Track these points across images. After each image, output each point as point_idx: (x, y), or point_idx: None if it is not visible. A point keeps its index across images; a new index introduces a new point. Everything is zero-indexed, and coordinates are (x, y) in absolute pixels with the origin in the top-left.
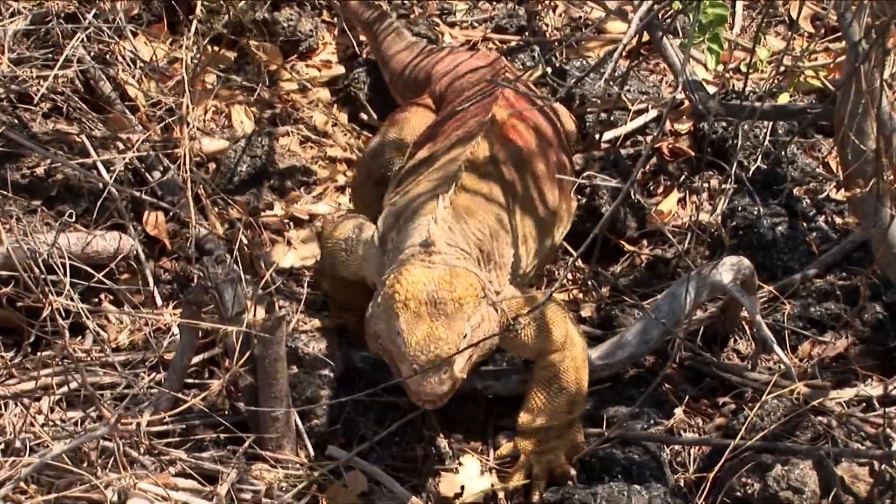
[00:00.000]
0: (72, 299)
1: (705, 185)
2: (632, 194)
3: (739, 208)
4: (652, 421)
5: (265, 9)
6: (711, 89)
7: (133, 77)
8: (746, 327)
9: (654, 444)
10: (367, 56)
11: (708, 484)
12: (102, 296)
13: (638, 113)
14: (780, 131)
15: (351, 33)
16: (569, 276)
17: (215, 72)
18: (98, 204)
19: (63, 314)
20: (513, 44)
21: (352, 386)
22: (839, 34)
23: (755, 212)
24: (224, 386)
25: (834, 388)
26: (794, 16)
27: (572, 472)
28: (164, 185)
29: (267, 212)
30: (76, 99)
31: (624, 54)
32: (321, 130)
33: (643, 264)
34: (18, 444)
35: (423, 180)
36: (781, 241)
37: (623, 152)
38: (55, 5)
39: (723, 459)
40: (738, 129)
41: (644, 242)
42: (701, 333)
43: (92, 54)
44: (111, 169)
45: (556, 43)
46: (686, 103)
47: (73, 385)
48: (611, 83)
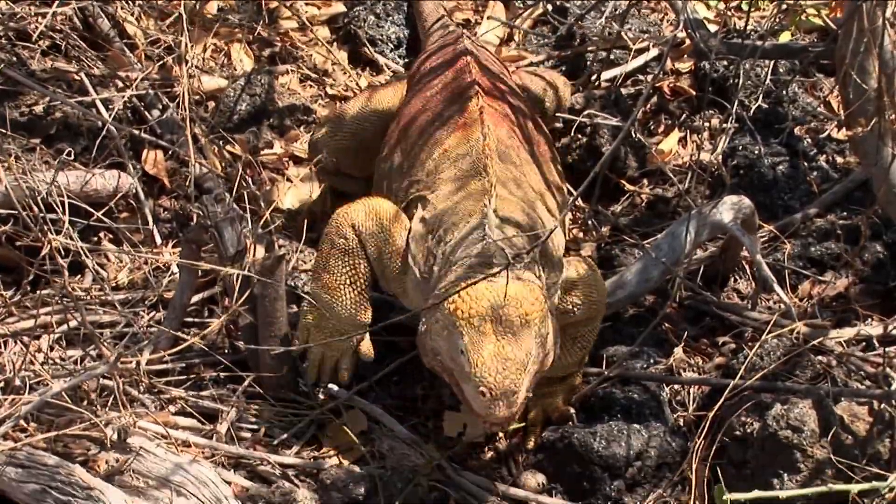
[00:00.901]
0: (71, 238)
1: (706, 125)
2: (632, 133)
3: (740, 147)
4: (651, 360)
5: None
6: (713, 28)
7: (132, 14)
8: (746, 267)
9: (654, 384)
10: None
11: (707, 423)
12: (102, 234)
13: (639, 52)
14: (782, 70)
15: None
16: (569, 215)
17: (214, 12)
18: (97, 142)
19: (62, 253)
20: None
21: None
22: None
23: (756, 151)
24: (223, 325)
25: (834, 328)
26: None
27: (571, 412)
28: (164, 124)
29: (266, 150)
30: (75, 37)
31: None
32: (321, 69)
33: (643, 203)
34: (18, 383)
35: (442, 186)
36: (782, 181)
37: (624, 91)
38: None
39: (722, 399)
40: (739, 68)
41: (644, 182)
42: (701, 273)
43: None
44: (110, 107)
45: None
46: (687, 42)
47: (73, 324)
48: (611, 21)
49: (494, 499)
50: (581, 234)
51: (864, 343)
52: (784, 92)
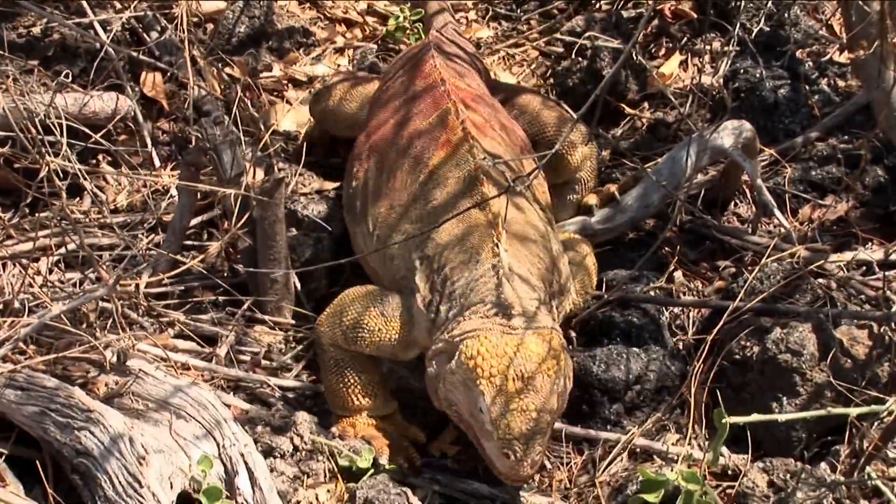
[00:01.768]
0: (69, 160)
1: (707, 48)
2: (633, 56)
3: (741, 71)
4: (651, 284)
5: None
6: None
7: None
8: (747, 191)
9: (653, 307)
10: None
11: (706, 346)
12: (100, 157)
13: None
14: None
15: None
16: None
17: None
18: (95, 64)
19: (60, 175)
20: None
21: (351, 247)
22: None
23: (757, 74)
24: (223, 248)
25: (834, 252)
26: None
27: None
28: (162, 46)
29: (265, 73)
30: None
31: None
32: None
33: (644, 127)
34: (17, 305)
35: (434, 214)
36: (783, 104)
37: (624, 14)
38: None
39: (721, 322)
40: None
41: (645, 105)
42: (701, 197)
43: None
44: (108, 28)
45: None
46: None
47: (72, 246)
48: None
49: None
50: None
51: (865, 267)
52: (786, 15)
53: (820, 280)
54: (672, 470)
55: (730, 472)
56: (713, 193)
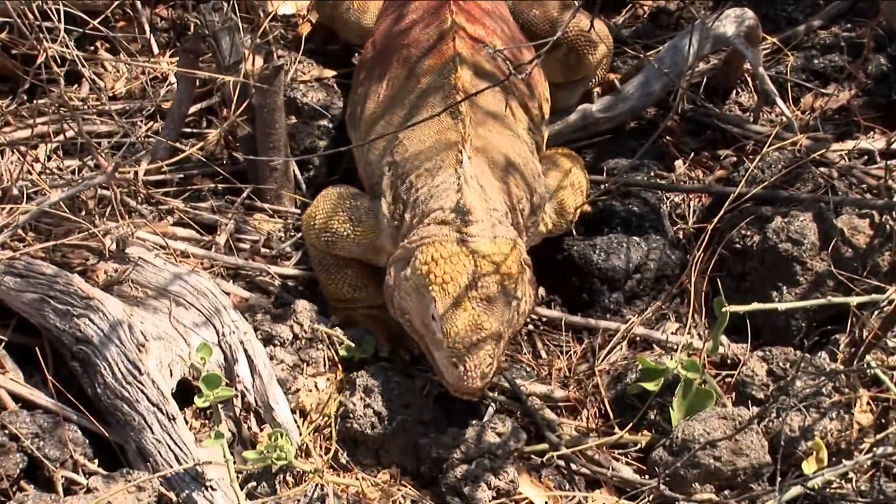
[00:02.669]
0: (67, 46)
1: None
2: None
3: None
4: (652, 173)
5: None
6: None
7: None
8: (749, 79)
9: (654, 197)
10: None
11: (707, 235)
12: (98, 44)
13: None
14: None
15: None
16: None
17: None
18: None
19: (58, 61)
20: None
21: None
22: None
23: None
24: (222, 135)
25: (836, 141)
26: None
27: None
28: None
29: None
30: None
31: None
32: None
33: (646, 15)
34: (16, 192)
35: (415, 126)
36: None
37: None
38: None
39: (723, 211)
40: None
41: None
42: (703, 86)
43: None
44: None
45: None
46: None
47: (70, 133)
48: None
49: None
50: None
51: (866, 156)
52: None
53: (821, 169)
54: (671, 359)
55: (729, 361)
56: (715, 82)
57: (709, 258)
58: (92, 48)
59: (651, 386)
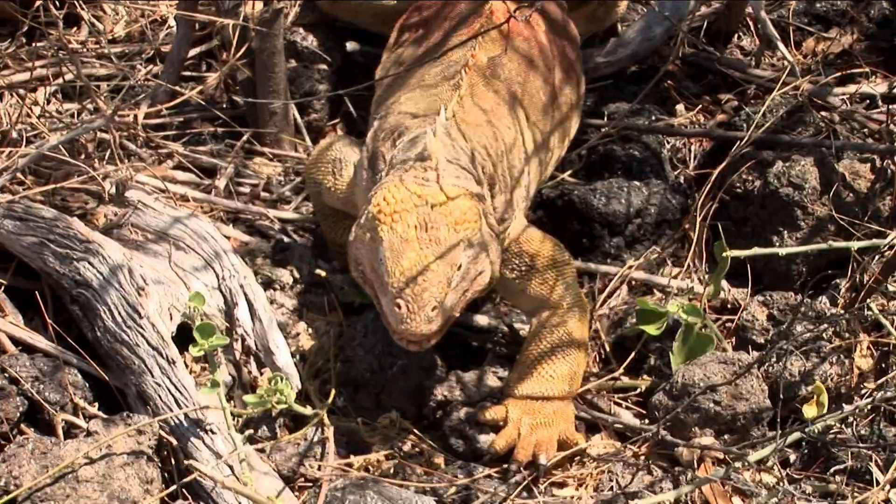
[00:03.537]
0: None
1: None
2: None
3: None
4: (653, 117)
5: None
6: None
7: None
8: (751, 23)
9: (655, 141)
10: None
11: (711, 180)
12: None
13: None
14: None
15: None
16: None
17: None
18: None
19: (57, 4)
20: None
21: (350, 79)
22: None
23: None
24: (221, 79)
25: (837, 85)
26: None
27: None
28: None
29: None
30: None
31: None
32: None
33: None
34: (15, 135)
35: (417, 87)
36: None
37: None
38: None
39: (727, 159)
40: None
41: None
42: (704, 30)
43: None
44: None
45: None
46: None
47: (69, 77)
48: None
49: None
50: None
51: (868, 100)
52: None
53: (823, 113)
54: (672, 303)
55: (729, 306)
56: (716, 26)
57: (710, 203)
58: None
59: (651, 330)
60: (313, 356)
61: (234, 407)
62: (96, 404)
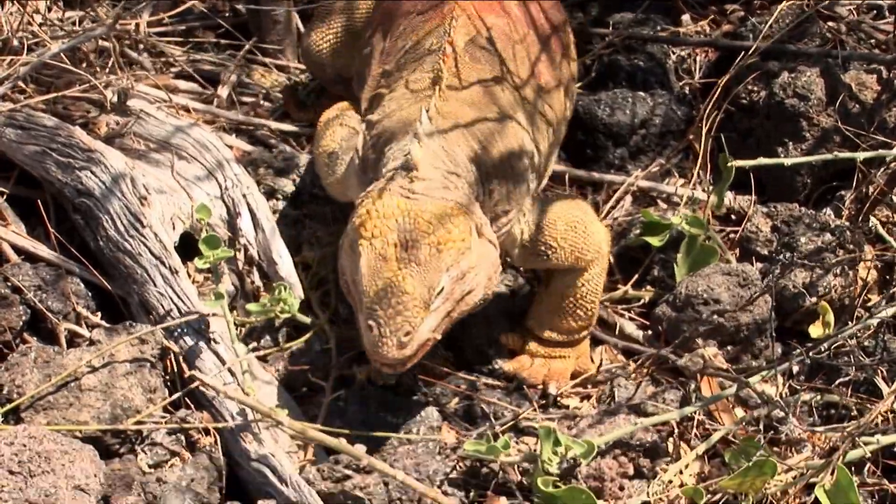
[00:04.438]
0: None
1: None
2: None
3: None
4: (658, 27)
5: None
6: None
7: None
8: None
9: (660, 51)
10: None
11: (716, 91)
12: None
13: None
14: None
15: None
16: None
17: None
18: None
19: None
20: None
21: None
22: None
23: None
24: None
25: None
26: None
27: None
28: None
29: None
30: None
31: None
32: None
33: None
34: (16, 43)
35: (399, 86)
36: None
37: None
38: None
39: (734, 67)
40: None
41: None
42: None
43: None
44: None
45: None
46: None
47: None
48: None
49: None
50: None
51: (875, 11)
52: None
53: (829, 24)
54: (675, 214)
55: (733, 217)
56: None
57: (714, 114)
58: None
59: (655, 241)
60: (316, 266)
61: (238, 316)
62: (99, 313)
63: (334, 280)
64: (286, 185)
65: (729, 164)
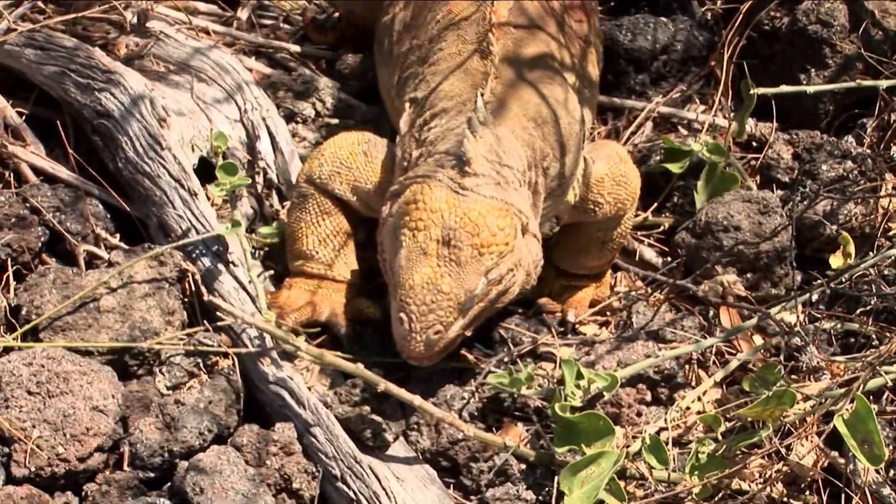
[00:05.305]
0: None
1: None
2: None
3: None
4: None
5: None
6: None
7: None
8: None
9: None
10: None
11: (738, 17)
12: None
13: None
14: None
15: None
16: None
17: None
18: None
19: None
20: None
21: None
22: None
23: None
24: None
25: None
26: None
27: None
28: None
29: None
30: None
31: None
32: None
33: None
34: None
35: (440, 60)
36: None
37: None
38: None
39: None
40: None
41: None
42: None
43: None
44: None
45: None
46: None
47: None
48: None
49: None
50: None
51: None
52: None
53: None
54: (696, 141)
55: (754, 144)
56: None
57: (736, 40)
58: None
59: (675, 167)
60: None
61: (256, 238)
62: (118, 235)
63: None
64: (305, 108)
65: (751, 91)
